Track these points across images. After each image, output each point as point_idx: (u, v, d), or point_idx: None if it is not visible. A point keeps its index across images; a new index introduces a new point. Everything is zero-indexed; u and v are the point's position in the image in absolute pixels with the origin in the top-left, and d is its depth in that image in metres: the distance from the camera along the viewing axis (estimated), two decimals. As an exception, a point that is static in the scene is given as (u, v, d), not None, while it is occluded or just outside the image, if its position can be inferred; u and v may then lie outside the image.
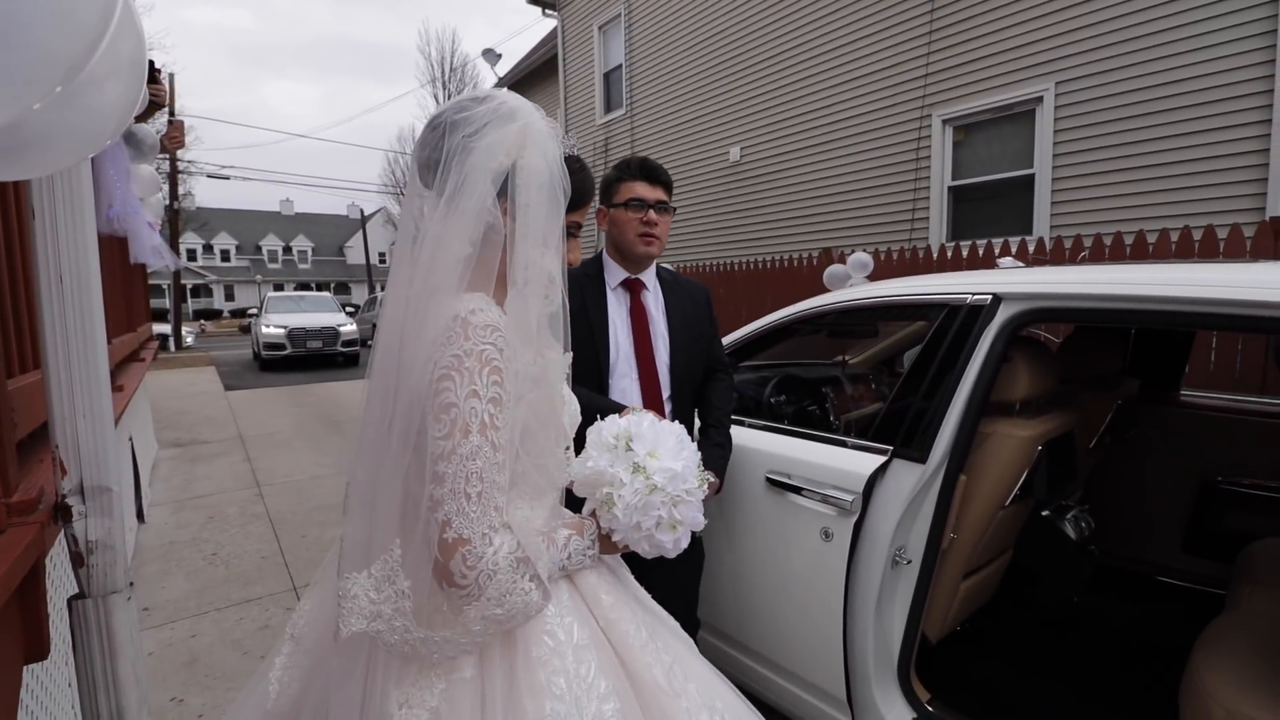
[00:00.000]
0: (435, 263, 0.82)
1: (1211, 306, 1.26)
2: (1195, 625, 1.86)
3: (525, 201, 0.84)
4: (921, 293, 1.79)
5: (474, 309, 0.80)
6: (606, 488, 0.91)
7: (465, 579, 0.75)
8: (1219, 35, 4.68)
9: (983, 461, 1.71)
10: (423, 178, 0.87)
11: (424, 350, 0.79)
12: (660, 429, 0.96)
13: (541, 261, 0.84)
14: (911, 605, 1.62)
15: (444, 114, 0.86)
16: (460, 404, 0.76)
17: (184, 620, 2.81)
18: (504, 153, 0.83)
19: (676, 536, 0.92)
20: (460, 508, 0.75)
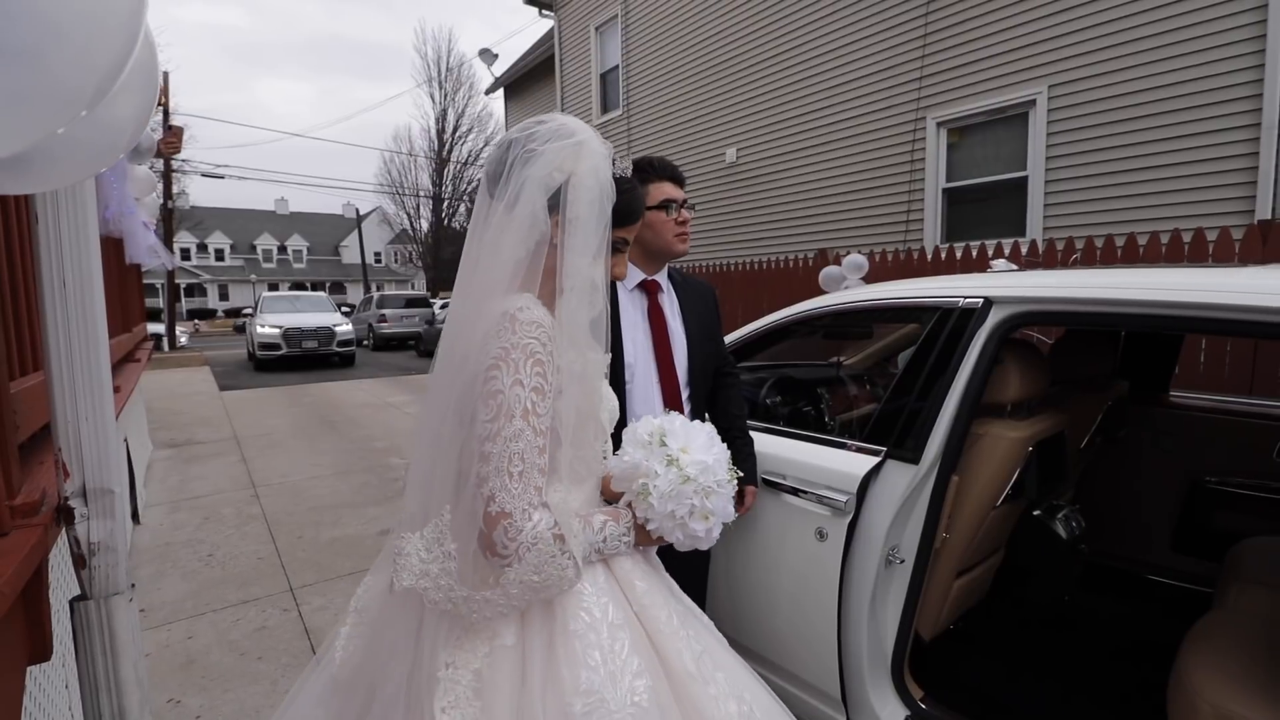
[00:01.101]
0: (492, 264, 0.91)
1: (1199, 310, 1.29)
2: (1184, 623, 1.88)
3: (574, 215, 0.91)
4: (914, 296, 1.81)
5: (521, 306, 0.88)
6: (642, 479, 0.97)
7: (506, 549, 0.82)
8: (1209, 40, 4.73)
9: (975, 462, 1.73)
10: (489, 188, 0.96)
11: (477, 342, 0.88)
12: (691, 427, 1.03)
13: (587, 270, 0.92)
14: (905, 604, 1.64)
15: (510, 134, 0.96)
16: (506, 391, 0.84)
17: (180, 621, 2.81)
18: (558, 168, 0.91)
19: (709, 526, 0.97)
20: (504, 484, 0.83)
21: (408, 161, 33.19)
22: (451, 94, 32.29)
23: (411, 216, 34.22)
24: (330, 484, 4.87)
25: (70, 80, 0.48)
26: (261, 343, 12.58)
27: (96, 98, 0.51)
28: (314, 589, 3.11)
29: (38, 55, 0.45)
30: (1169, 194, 4.98)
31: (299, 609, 2.92)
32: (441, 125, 32.61)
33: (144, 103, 0.62)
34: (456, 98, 32.59)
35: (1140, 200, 5.12)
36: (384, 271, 44.32)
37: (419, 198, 33.60)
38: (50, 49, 0.45)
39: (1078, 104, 5.41)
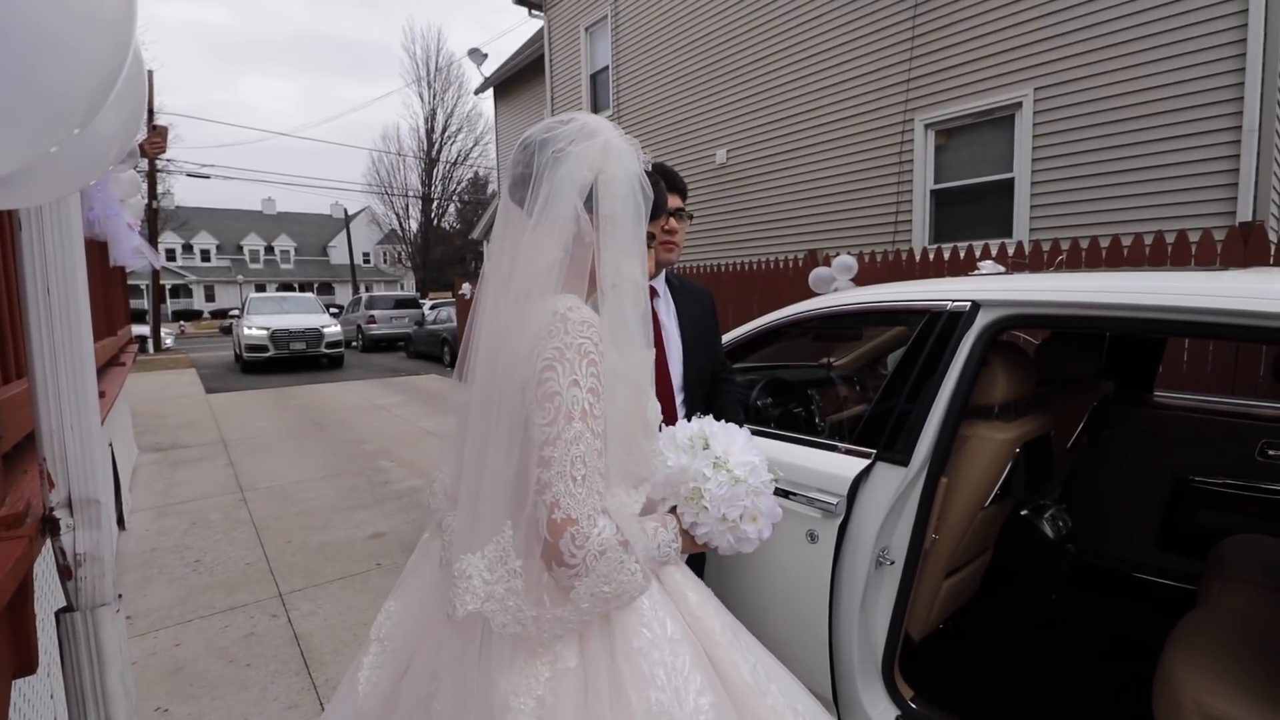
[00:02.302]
0: (530, 267, 0.88)
1: (1182, 314, 1.31)
2: (1169, 620, 1.91)
3: (608, 211, 0.90)
4: (903, 299, 1.83)
5: (571, 306, 0.85)
6: (691, 483, 0.94)
7: (574, 558, 0.78)
8: (1191, 44, 4.80)
9: (963, 464, 1.75)
10: (513, 193, 0.94)
11: (525, 345, 0.84)
12: (729, 430, 1.01)
13: (626, 267, 0.90)
14: (895, 605, 1.65)
15: (533, 135, 0.94)
16: (563, 392, 0.81)
17: (167, 629, 2.78)
18: (587, 167, 0.90)
19: (759, 527, 0.96)
20: (567, 489, 0.79)
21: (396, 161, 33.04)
22: (441, 94, 32.23)
23: (400, 217, 34.10)
24: (319, 488, 4.84)
25: (63, 97, 0.48)
26: (249, 344, 12.46)
27: (89, 114, 0.50)
28: (303, 594, 3.09)
29: (30, 71, 0.44)
30: (1153, 195, 5.05)
31: (288, 615, 2.89)
32: (430, 125, 32.52)
33: (131, 115, 0.61)
34: (445, 97, 32.53)
35: (1125, 202, 5.18)
36: (373, 272, 44.04)
37: (408, 198, 33.46)
38: (43, 65, 0.44)
39: (1063, 107, 5.47)
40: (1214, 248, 3.23)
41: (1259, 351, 3.23)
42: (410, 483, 4.94)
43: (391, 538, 3.81)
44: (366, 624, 2.79)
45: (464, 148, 32.95)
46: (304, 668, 2.49)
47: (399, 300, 18.23)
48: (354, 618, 2.86)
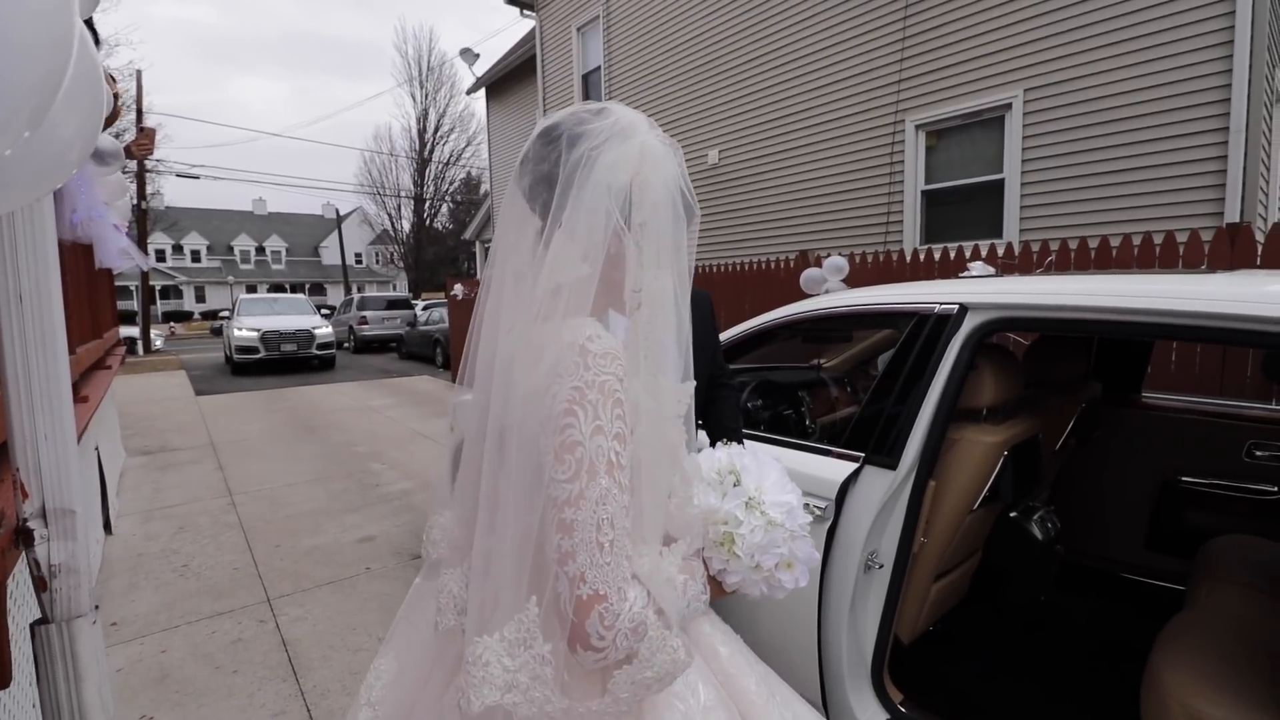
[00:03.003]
0: (552, 282, 0.76)
1: (1168, 318, 1.31)
2: (1157, 622, 1.91)
3: (641, 220, 0.78)
4: (891, 302, 1.83)
5: (590, 335, 0.73)
6: (721, 525, 0.84)
7: (603, 640, 0.67)
8: (1178, 45, 4.83)
9: (951, 467, 1.75)
10: (533, 194, 0.81)
11: (539, 381, 0.73)
12: (762, 462, 0.90)
13: (656, 283, 0.79)
14: (884, 608, 1.65)
15: (561, 126, 0.80)
16: (586, 442, 0.69)
17: (154, 635, 2.75)
18: (624, 170, 0.77)
19: (795, 575, 0.86)
20: (593, 559, 0.68)
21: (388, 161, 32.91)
22: (433, 93, 32.12)
23: (393, 217, 33.97)
24: (308, 491, 4.80)
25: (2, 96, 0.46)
26: (239, 346, 12.38)
27: (38, 114, 0.48)
28: (291, 599, 3.06)
29: None
30: (1142, 196, 5.08)
31: (276, 620, 2.87)
32: (422, 125, 32.42)
33: (90, 115, 0.59)
34: (438, 97, 32.42)
35: (1114, 202, 5.21)
36: (365, 272, 43.85)
37: (400, 198, 33.34)
38: None
39: (1053, 108, 5.50)
40: (1201, 249, 3.25)
41: (1246, 352, 3.25)
42: (401, 485, 4.91)
43: (382, 541, 3.78)
44: (355, 629, 2.78)
45: (456, 148, 32.88)
46: (292, 674, 2.46)
47: (391, 301, 18.17)
48: (343, 623, 2.84)
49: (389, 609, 2.95)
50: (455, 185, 34.08)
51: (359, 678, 2.42)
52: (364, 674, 2.46)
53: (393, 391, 9.86)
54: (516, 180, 0.85)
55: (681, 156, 0.85)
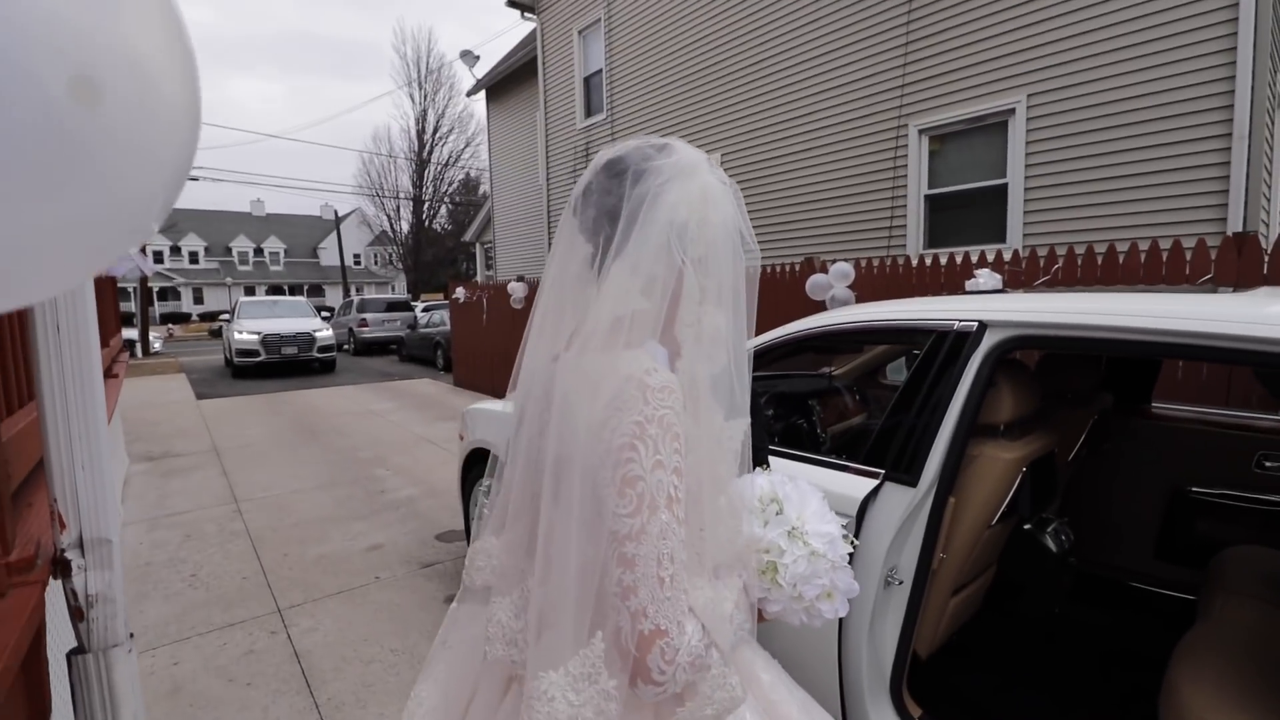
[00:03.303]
0: (608, 316, 0.78)
1: (1188, 339, 1.32)
2: (1170, 632, 1.92)
3: (698, 256, 0.80)
4: (910, 318, 1.83)
5: (648, 369, 0.74)
6: (765, 554, 0.85)
7: (663, 674, 0.68)
8: (1182, 51, 4.85)
9: (970, 483, 1.75)
10: (594, 225, 0.82)
11: (599, 414, 0.73)
12: (803, 490, 0.91)
13: (710, 320, 0.80)
14: (904, 624, 1.65)
15: (626, 160, 0.82)
16: (647, 477, 0.70)
17: (165, 647, 2.75)
18: (685, 207, 0.79)
19: (835, 605, 0.86)
20: (654, 594, 0.69)
21: (387, 163, 32.87)
22: (431, 94, 32.08)
23: (391, 218, 33.92)
24: (314, 497, 4.80)
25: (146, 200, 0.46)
26: (239, 349, 12.35)
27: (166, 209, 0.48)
28: (302, 609, 3.06)
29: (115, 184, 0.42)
30: (1145, 201, 5.10)
31: (287, 631, 2.87)
32: (421, 126, 32.38)
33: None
34: (437, 98, 32.39)
35: (1117, 208, 5.23)
36: (363, 273, 43.79)
37: (399, 199, 33.30)
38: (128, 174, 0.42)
39: (1056, 113, 5.51)
40: (1208, 257, 3.26)
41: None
42: (406, 492, 4.91)
43: (390, 550, 3.78)
44: (367, 640, 2.78)
45: (455, 149, 32.85)
46: (305, 687, 2.46)
47: (391, 303, 18.15)
48: (354, 633, 2.84)
49: (400, 619, 2.95)
50: (454, 186, 34.06)
51: (373, 690, 2.42)
52: (377, 686, 2.46)
53: (394, 395, 9.85)
54: (576, 210, 0.87)
55: (740, 198, 0.86)
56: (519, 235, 14.11)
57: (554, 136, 11.81)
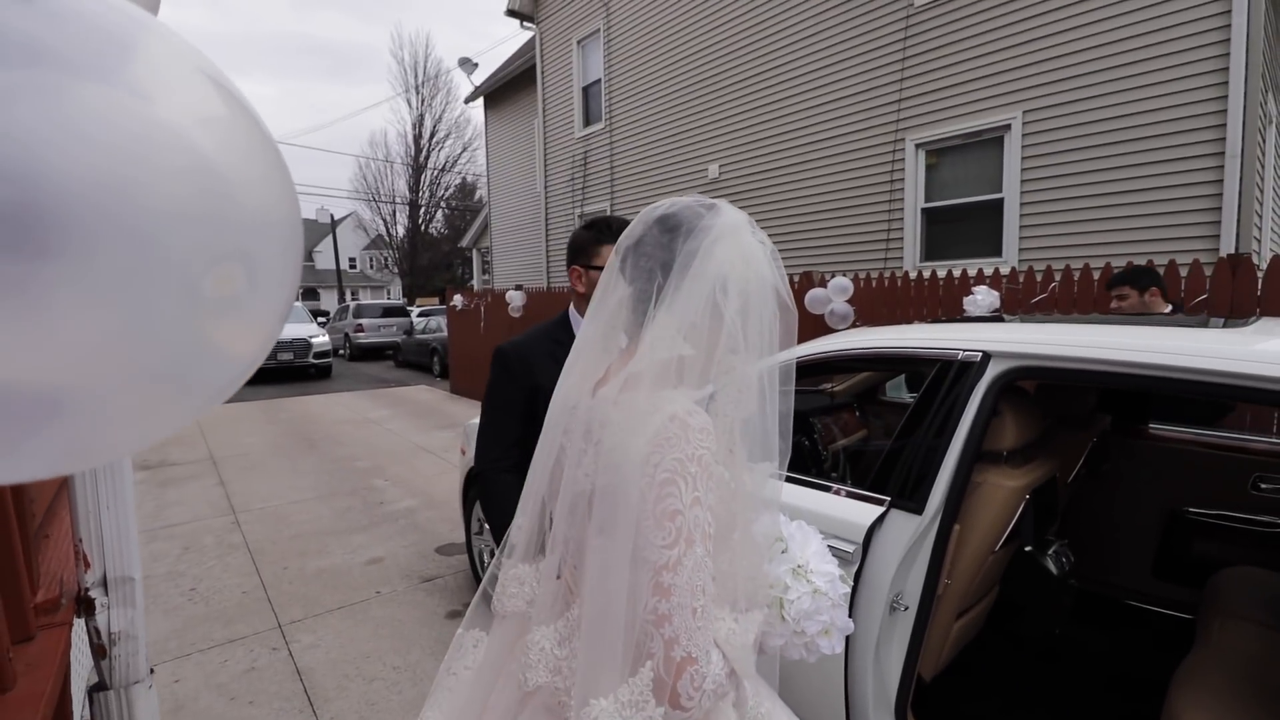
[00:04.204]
0: (651, 357, 0.83)
1: (1193, 375, 1.34)
2: (1168, 653, 1.95)
3: (737, 309, 0.84)
4: (914, 346, 1.86)
5: (690, 410, 0.79)
6: (770, 591, 0.89)
7: (690, 700, 0.72)
8: (1176, 71, 4.92)
9: (975, 510, 1.77)
10: (647, 274, 0.87)
11: (641, 447, 0.77)
12: (804, 531, 0.95)
13: (746, 369, 0.85)
14: (908, 649, 1.67)
15: (676, 216, 0.88)
16: (685, 511, 0.74)
17: (165, 663, 2.74)
18: (730, 264, 0.84)
19: (832, 642, 0.90)
20: (687, 623, 0.73)
21: (384, 167, 32.86)
22: (429, 100, 32.09)
23: (388, 222, 33.88)
24: (313, 509, 4.79)
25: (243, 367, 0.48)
26: (235, 355, 12.28)
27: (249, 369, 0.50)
28: (303, 625, 3.06)
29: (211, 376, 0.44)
30: (1140, 218, 5.16)
31: (289, 648, 2.86)
32: (419, 131, 32.37)
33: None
34: (434, 104, 32.40)
35: (1112, 224, 5.29)
36: (359, 277, 43.68)
37: (395, 204, 33.27)
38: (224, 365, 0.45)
39: (1051, 129, 5.58)
40: (1203, 278, 3.31)
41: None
42: (406, 503, 4.90)
43: (390, 563, 3.78)
44: (369, 657, 2.78)
45: (452, 154, 32.87)
46: (308, 705, 2.46)
47: (387, 308, 18.11)
48: (356, 650, 2.84)
49: (402, 636, 2.95)
50: (451, 191, 34.06)
51: (376, 709, 2.42)
52: (380, 705, 2.45)
53: (391, 402, 9.83)
54: (626, 256, 0.91)
55: (778, 259, 0.91)
56: (516, 242, 14.13)
57: (552, 145, 11.84)
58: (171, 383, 0.41)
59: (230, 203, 0.39)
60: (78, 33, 0.40)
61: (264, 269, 0.43)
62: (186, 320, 0.38)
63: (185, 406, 0.45)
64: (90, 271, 0.34)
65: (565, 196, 11.55)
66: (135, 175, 0.36)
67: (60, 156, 0.36)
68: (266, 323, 0.46)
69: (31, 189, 0.35)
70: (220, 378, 0.45)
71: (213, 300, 0.39)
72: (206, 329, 0.40)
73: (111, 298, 0.35)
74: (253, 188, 0.41)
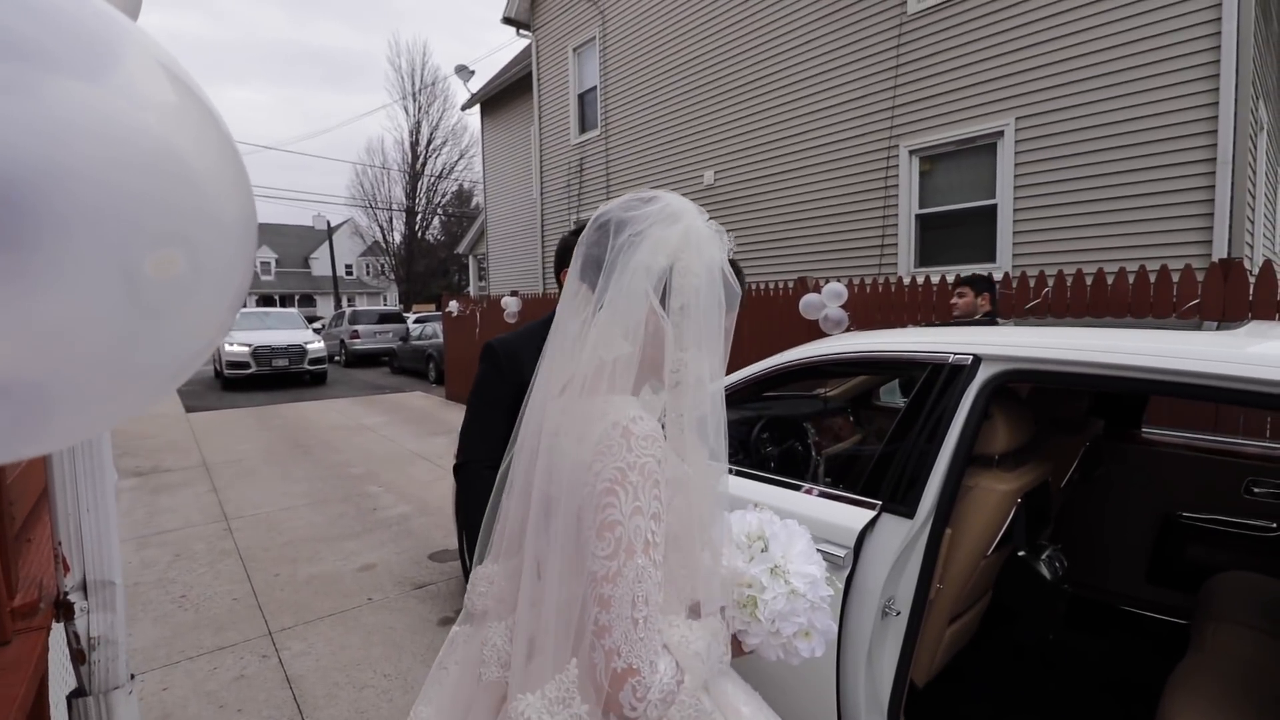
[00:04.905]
0: (596, 358, 0.81)
1: (1180, 377, 1.35)
2: (1162, 657, 1.94)
3: (681, 303, 0.82)
4: (905, 349, 1.86)
5: (634, 417, 0.78)
6: (745, 588, 0.88)
7: (634, 710, 0.72)
8: (1167, 78, 4.96)
9: (966, 514, 1.77)
10: (584, 274, 0.86)
11: (584, 457, 0.77)
12: (791, 530, 0.93)
13: (694, 364, 0.82)
14: (901, 654, 1.66)
15: (610, 213, 0.86)
16: (625, 522, 0.74)
17: (154, 671, 2.71)
18: (665, 254, 0.82)
19: (812, 645, 0.88)
20: (628, 634, 0.72)
21: (380, 174, 32.89)
22: (426, 107, 32.16)
23: (384, 229, 33.88)
24: (305, 515, 4.76)
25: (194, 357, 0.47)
26: (230, 361, 12.26)
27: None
28: (293, 633, 3.03)
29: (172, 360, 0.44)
30: (1133, 224, 5.18)
31: (279, 655, 2.84)
32: (415, 138, 32.42)
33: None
34: (431, 111, 32.48)
35: (1105, 229, 5.31)
36: (355, 284, 43.63)
37: (392, 210, 33.29)
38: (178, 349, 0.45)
39: (1044, 136, 5.61)
40: (1195, 283, 3.33)
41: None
42: (399, 509, 4.88)
43: (382, 570, 3.75)
44: (360, 664, 2.75)
45: (449, 161, 32.91)
46: (298, 713, 2.43)
47: (383, 315, 18.07)
48: (347, 657, 2.81)
49: (393, 643, 2.93)
50: (447, 198, 34.08)
51: (366, 716, 2.40)
52: (370, 713, 2.43)
53: (386, 409, 9.79)
54: (577, 257, 0.90)
55: (728, 242, 0.88)
56: (512, 249, 14.14)
57: (548, 152, 11.87)
58: (112, 367, 0.40)
59: (181, 187, 0.39)
60: (53, 27, 0.40)
61: (209, 257, 0.42)
62: (129, 302, 0.38)
63: (132, 394, 0.44)
64: (40, 257, 0.34)
65: (561, 203, 11.57)
66: (93, 158, 0.36)
67: (29, 147, 0.36)
68: (215, 311, 0.45)
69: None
70: (167, 364, 0.44)
71: (154, 283, 0.38)
72: (150, 312, 0.39)
73: (57, 280, 0.35)
74: (207, 177, 0.40)
